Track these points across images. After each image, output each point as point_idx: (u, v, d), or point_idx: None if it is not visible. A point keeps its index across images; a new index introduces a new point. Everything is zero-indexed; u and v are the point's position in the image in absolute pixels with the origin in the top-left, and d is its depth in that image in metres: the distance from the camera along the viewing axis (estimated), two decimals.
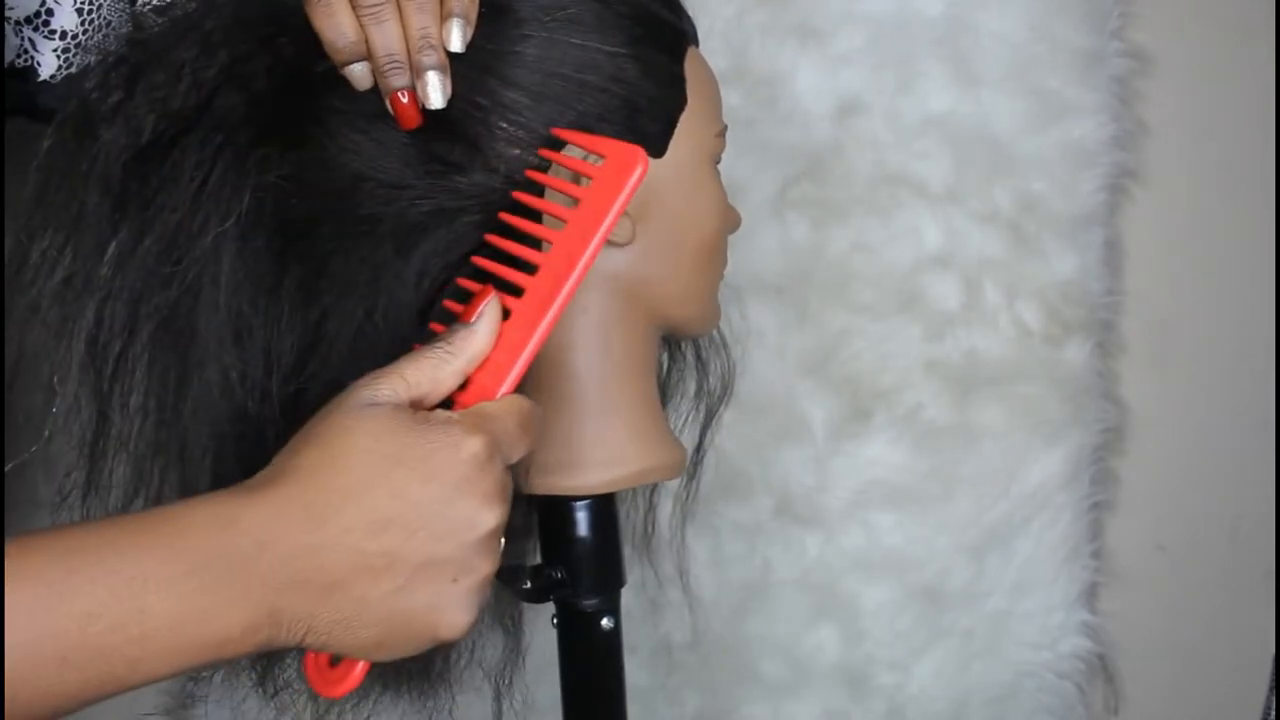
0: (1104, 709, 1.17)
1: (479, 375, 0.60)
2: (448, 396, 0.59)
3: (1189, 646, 1.17)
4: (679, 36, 0.71)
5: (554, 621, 0.77)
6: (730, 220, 0.76)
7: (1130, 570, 1.16)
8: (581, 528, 0.74)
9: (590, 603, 0.75)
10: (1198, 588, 1.16)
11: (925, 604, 1.13)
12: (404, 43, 0.62)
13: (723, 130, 0.74)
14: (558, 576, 0.74)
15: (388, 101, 0.63)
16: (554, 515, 0.74)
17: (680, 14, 0.72)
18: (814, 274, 1.09)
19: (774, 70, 1.07)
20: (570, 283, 0.61)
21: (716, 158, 0.74)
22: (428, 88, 0.62)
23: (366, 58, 0.62)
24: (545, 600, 0.75)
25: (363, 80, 0.63)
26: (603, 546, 0.75)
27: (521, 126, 0.65)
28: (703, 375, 0.84)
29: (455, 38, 0.62)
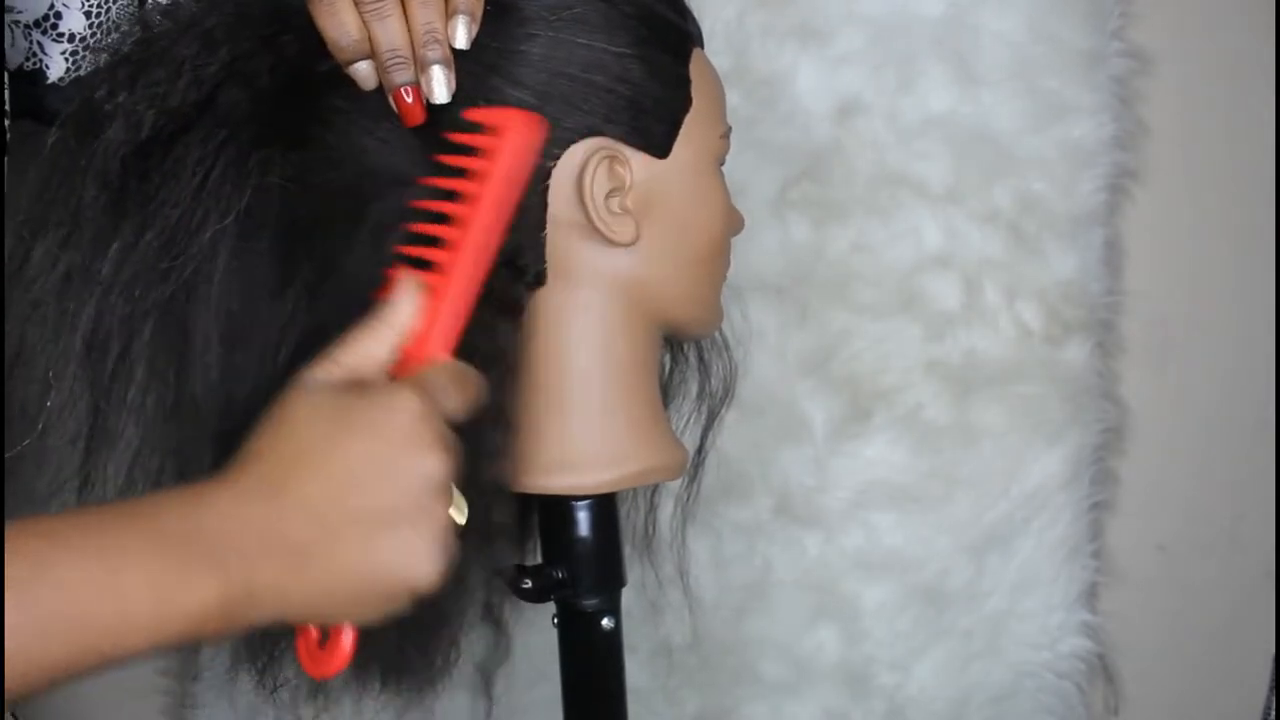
0: (1104, 709, 1.17)
1: (409, 349, 0.61)
2: (384, 371, 0.60)
3: (1189, 646, 1.17)
4: (684, 38, 0.71)
5: (554, 621, 0.77)
6: (733, 222, 0.76)
7: (1130, 570, 1.16)
8: (582, 528, 0.74)
9: (591, 603, 0.75)
10: (1198, 588, 1.15)
11: (925, 604, 1.12)
12: (408, 38, 0.62)
13: (727, 132, 0.74)
14: (558, 576, 0.74)
15: (391, 99, 0.63)
16: (555, 515, 0.74)
17: (685, 15, 0.72)
18: (814, 274, 1.09)
19: (774, 70, 1.07)
20: (468, 251, 0.62)
21: (721, 159, 0.74)
22: (432, 82, 0.62)
23: (370, 56, 0.62)
24: (546, 600, 0.76)
25: (368, 80, 0.63)
26: (603, 546, 0.75)
27: None
28: (705, 377, 0.84)
29: (460, 34, 0.63)
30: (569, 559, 0.74)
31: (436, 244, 0.63)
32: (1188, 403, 1.13)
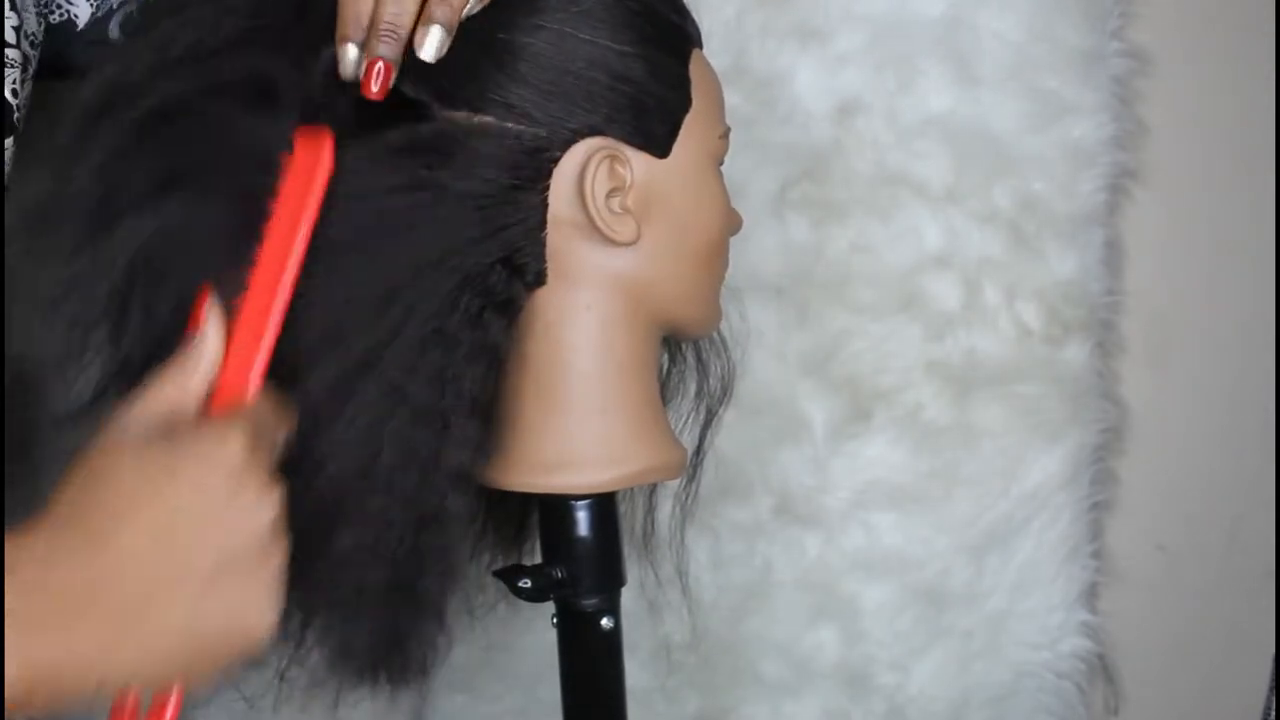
0: (1104, 709, 1.17)
1: (224, 377, 0.59)
2: (200, 406, 0.58)
3: (1189, 646, 1.17)
4: (685, 38, 0.72)
5: (553, 621, 0.77)
6: (732, 222, 0.76)
7: (1130, 570, 1.16)
8: (582, 527, 0.74)
9: (590, 602, 0.75)
10: (1197, 588, 1.16)
11: (925, 604, 1.12)
12: (412, 19, 0.62)
13: (726, 132, 0.74)
14: (558, 576, 0.74)
15: (363, 65, 0.62)
16: (554, 514, 0.74)
17: (685, 15, 0.73)
18: (814, 274, 1.09)
19: (774, 70, 1.07)
20: (260, 273, 0.60)
21: (720, 160, 0.74)
22: (427, 37, 0.62)
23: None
24: (545, 600, 0.76)
25: (349, 67, 0.62)
26: (603, 546, 0.75)
27: (533, 124, 0.66)
28: (703, 377, 0.85)
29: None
30: (568, 559, 0.74)
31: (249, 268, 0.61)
32: (1188, 403, 1.13)
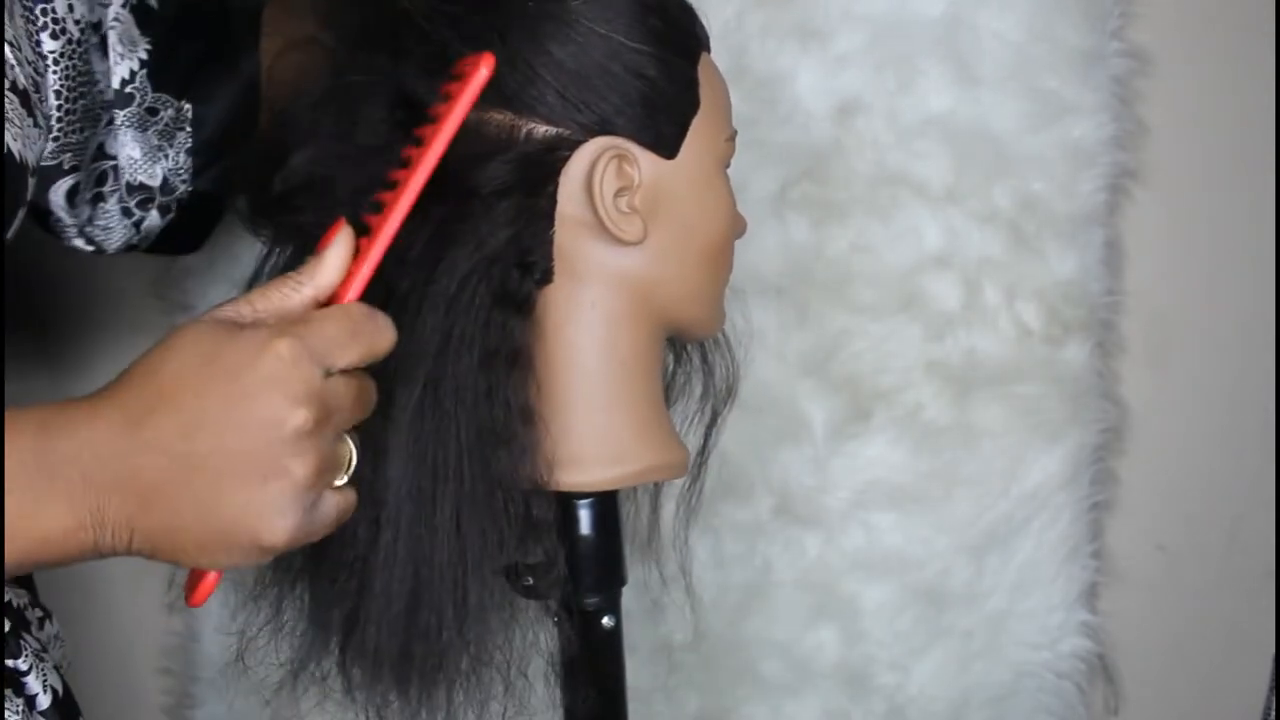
0: (1104, 709, 1.17)
1: (321, 306, 0.59)
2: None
3: (1189, 646, 1.17)
4: (694, 40, 0.72)
5: (554, 620, 0.77)
6: (737, 225, 0.77)
7: (1130, 570, 1.16)
8: (584, 525, 0.74)
9: (591, 601, 0.75)
10: (1197, 588, 1.16)
11: (925, 604, 1.13)
12: None
13: (732, 135, 0.75)
14: (559, 574, 0.74)
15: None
16: (557, 512, 0.74)
17: (694, 18, 0.73)
18: (814, 274, 1.09)
19: (774, 70, 1.07)
20: (407, 194, 0.60)
21: (726, 162, 0.74)
22: None
23: None
24: (547, 598, 0.76)
25: None
26: (605, 545, 0.75)
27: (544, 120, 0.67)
28: (708, 377, 0.85)
29: None
30: (570, 557, 0.74)
31: (378, 210, 0.62)
32: (1188, 403, 1.13)
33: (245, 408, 0.53)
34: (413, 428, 0.65)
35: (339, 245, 0.60)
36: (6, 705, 0.66)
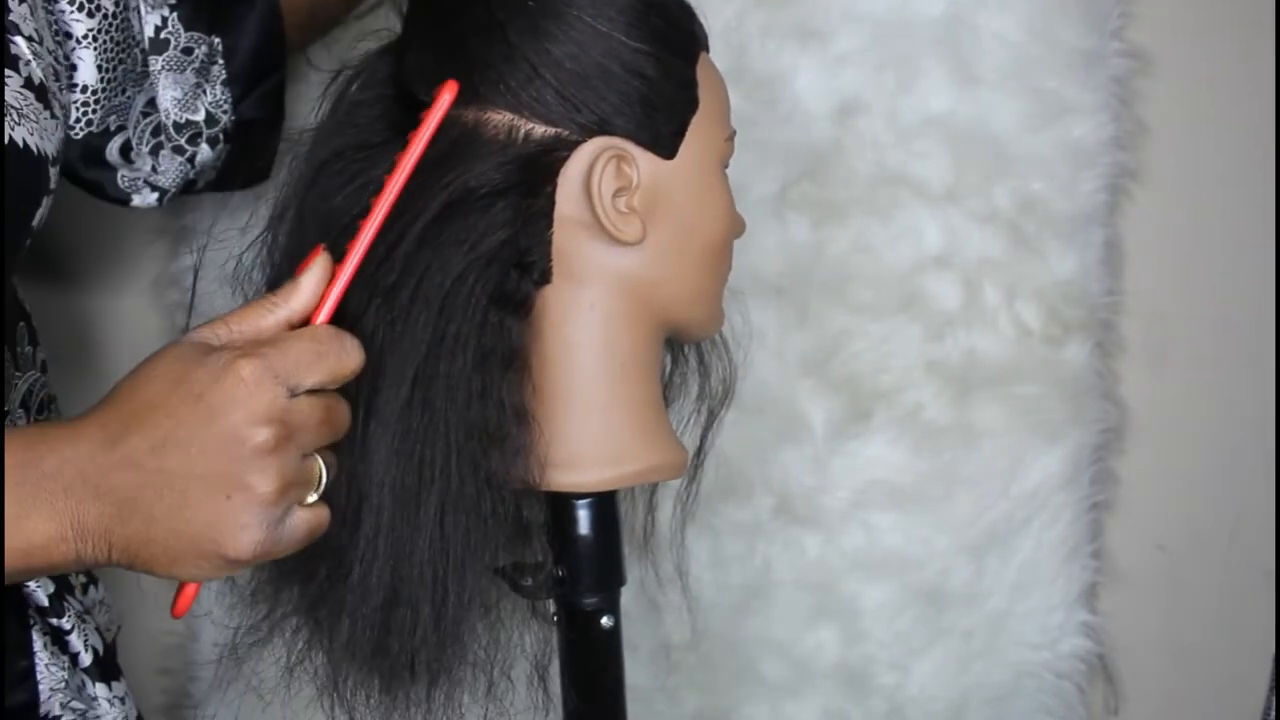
0: (1104, 709, 1.17)
1: (293, 327, 0.62)
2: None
3: (1189, 646, 1.17)
4: (694, 40, 0.72)
5: (554, 620, 0.77)
6: (736, 225, 0.77)
7: (1130, 570, 1.16)
8: (583, 525, 0.74)
9: (590, 601, 0.75)
10: (1198, 588, 1.16)
11: (925, 604, 1.12)
12: None
13: (731, 135, 0.75)
14: (558, 574, 0.74)
15: None
16: (556, 512, 0.74)
17: (694, 18, 0.73)
18: (814, 274, 1.09)
19: (774, 70, 1.07)
20: (372, 220, 0.63)
21: (725, 162, 0.74)
22: None
23: None
24: (546, 598, 0.76)
25: None
26: (603, 545, 0.75)
27: (544, 108, 0.67)
28: (705, 378, 0.85)
29: None
30: (569, 557, 0.74)
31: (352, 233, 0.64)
32: (1188, 403, 1.13)
33: (210, 427, 0.56)
34: (400, 425, 0.66)
35: (315, 270, 0.62)
36: (52, 659, 0.72)
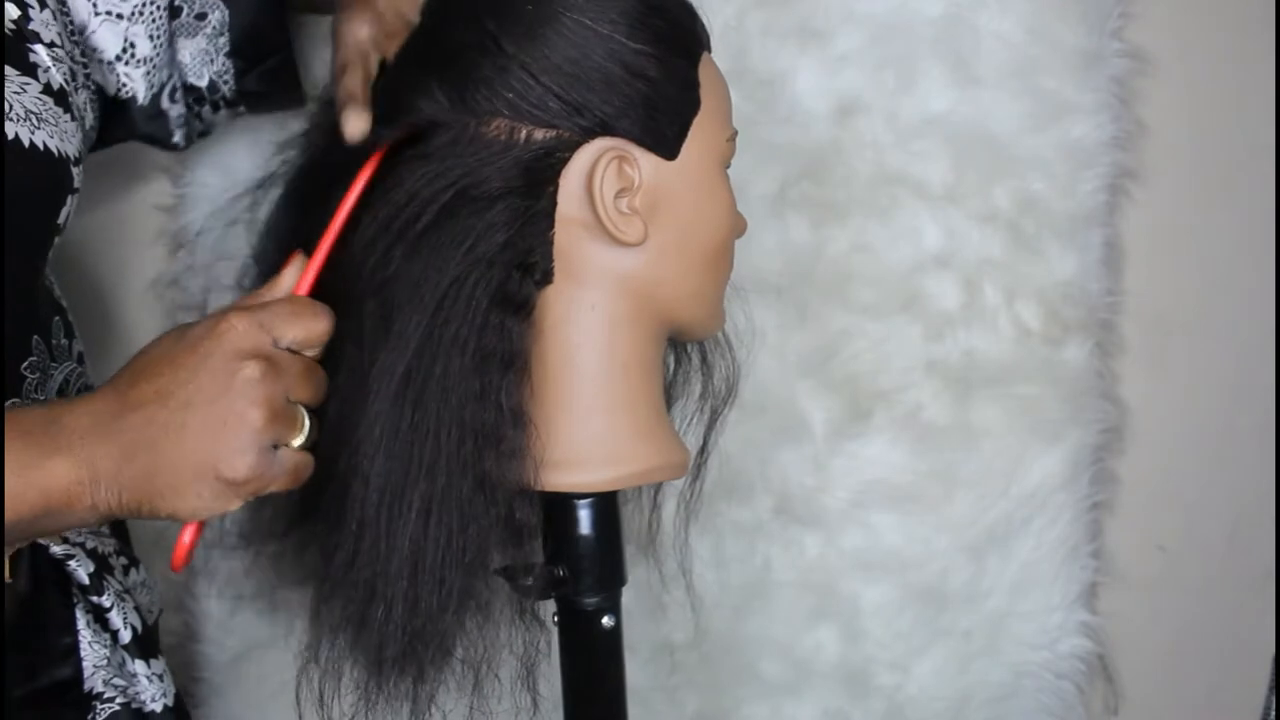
0: (1104, 709, 1.17)
1: None
2: None
3: (1189, 646, 1.17)
4: (695, 40, 0.72)
5: (554, 619, 0.77)
6: (738, 225, 0.77)
7: (1130, 570, 1.16)
8: (584, 525, 0.74)
9: (591, 601, 0.75)
10: (1198, 588, 1.16)
11: (925, 604, 1.13)
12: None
13: (733, 136, 0.75)
14: (559, 574, 0.74)
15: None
16: (557, 512, 0.74)
17: (696, 19, 0.73)
18: (814, 274, 1.09)
19: (774, 70, 1.07)
20: (329, 232, 0.70)
21: (726, 162, 0.74)
22: None
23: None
24: (546, 598, 0.76)
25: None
26: (605, 545, 0.75)
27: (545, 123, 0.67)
28: (708, 377, 0.85)
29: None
30: (570, 557, 0.74)
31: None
32: (1188, 403, 1.13)
33: (205, 367, 0.64)
34: (389, 421, 0.68)
35: (293, 267, 0.70)
36: (95, 637, 0.77)
